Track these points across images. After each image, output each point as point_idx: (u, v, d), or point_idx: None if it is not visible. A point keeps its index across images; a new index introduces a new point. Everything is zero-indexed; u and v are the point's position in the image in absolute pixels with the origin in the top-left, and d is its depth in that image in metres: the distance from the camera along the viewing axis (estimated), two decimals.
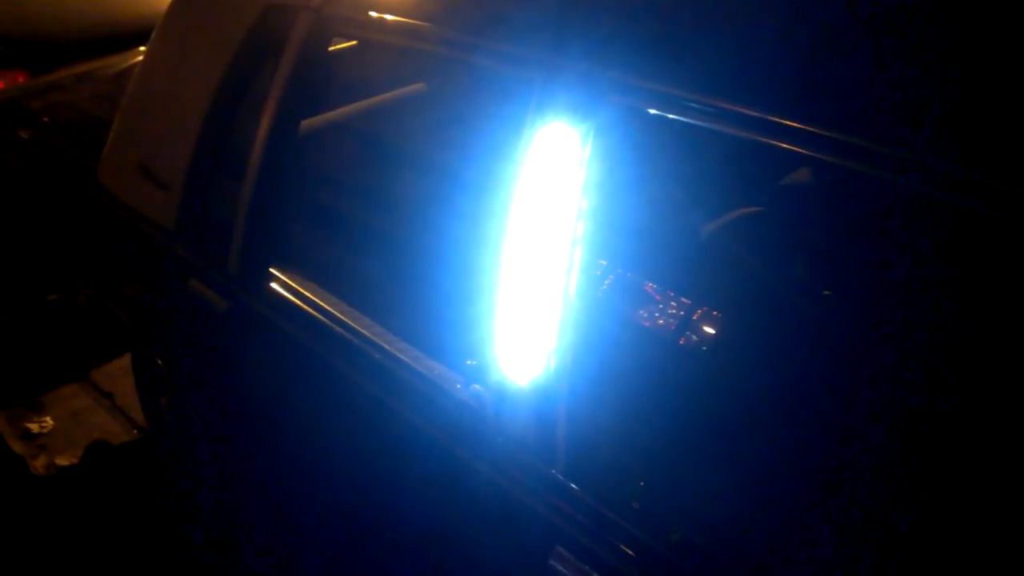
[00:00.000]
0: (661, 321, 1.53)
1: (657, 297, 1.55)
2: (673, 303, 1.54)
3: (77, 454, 2.74)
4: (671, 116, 1.19)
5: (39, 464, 2.71)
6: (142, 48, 2.34)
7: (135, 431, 2.85)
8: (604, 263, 1.58)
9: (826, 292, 1.50)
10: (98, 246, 2.41)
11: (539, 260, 1.28)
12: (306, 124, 1.89)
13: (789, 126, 1.08)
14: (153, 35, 2.14)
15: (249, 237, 1.80)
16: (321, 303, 1.69)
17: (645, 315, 1.54)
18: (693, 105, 1.16)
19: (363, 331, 1.60)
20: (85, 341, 3.16)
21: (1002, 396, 1.05)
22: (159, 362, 2.30)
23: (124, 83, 2.24)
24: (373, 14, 1.62)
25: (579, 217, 1.24)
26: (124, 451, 2.77)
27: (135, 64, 2.28)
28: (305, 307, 1.71)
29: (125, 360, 2.78)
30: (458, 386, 1.44)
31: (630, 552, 1.20)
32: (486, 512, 1.40)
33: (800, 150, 1.08)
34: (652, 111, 1.21)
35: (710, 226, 1.58)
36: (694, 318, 1.53)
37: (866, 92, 1.07)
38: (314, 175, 2.13)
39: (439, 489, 1.48)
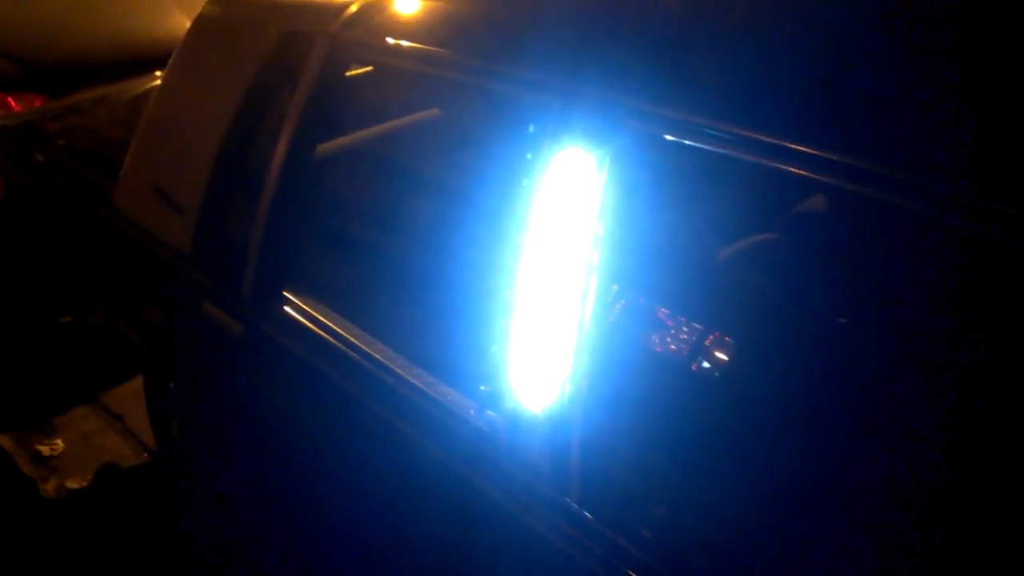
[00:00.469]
0: (675, 347, 1.52)
1: (671, 323, 1.54)
2: (688, 329, 1.53)
3: (87, 477, 2.74)
4: (687, 142, 1.19)
5: (49, 487, 2.70)
6: (159, 72, 2.36)
7: (145, 454, 2.84)
8: (619, 288, 1.57)
9: (841, 320, 1.49)
10: (112, 269, 2.42)
11: (554, 286, 1.27)
12: (321, 148, 1.90)
13: (805, 152, 1.07)
14: (171, 59, 2.16)
15: (263, 261, 1.81)
16: (334, 327, 1.69)
17: (660, 341, 1.53)
18: (709, 131, 1.16)
19: (376, 355, 1.59)
20: (96, 363, 3.16)
21: None
22: (171, 385, 2.30)
23: (141, 107, 2.26)
24: (389, 40, 1.63)
25: (595, 243, 1.24)
26: (134, 474, 2.76)
27: (152, 88, 2.30)
28: (318, 331, 1.70)
29: (136, 382, 2.77)
30: (472, 412, 1.43)
31: None
32: (499, 540, 1.39)
33: (816, 176, 1.08)
34: (668, 137, 1.21)
35: (725, 252, 1.58)
36: (708, 344, 1.52)
37: (883, 119, 1.07)
38: (329, 199, 2.14)
39: (452, 516, 1.47)
